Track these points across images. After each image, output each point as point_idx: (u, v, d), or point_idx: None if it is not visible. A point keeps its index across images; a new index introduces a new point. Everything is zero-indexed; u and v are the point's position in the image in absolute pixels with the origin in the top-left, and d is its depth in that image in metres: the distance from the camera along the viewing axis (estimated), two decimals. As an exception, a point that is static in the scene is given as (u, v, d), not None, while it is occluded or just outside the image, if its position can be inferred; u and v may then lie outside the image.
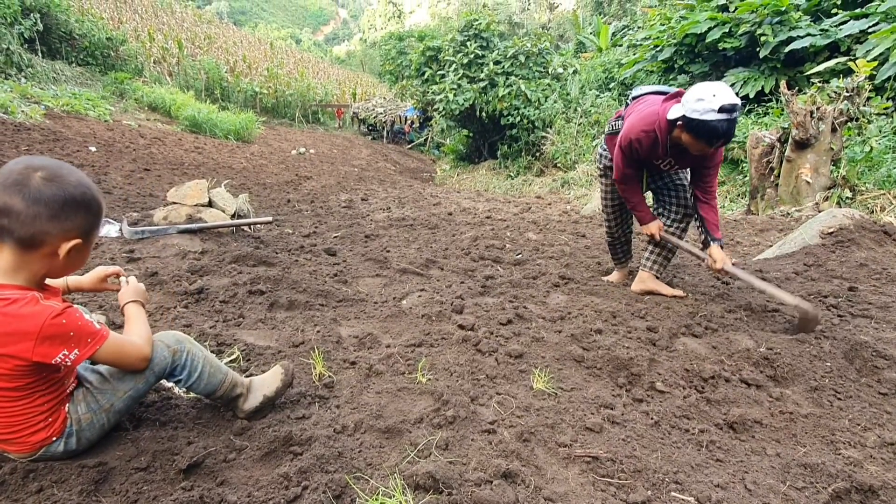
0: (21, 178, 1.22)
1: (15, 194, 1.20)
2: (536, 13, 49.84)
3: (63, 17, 17.08)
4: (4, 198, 1.20)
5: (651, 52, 13.19)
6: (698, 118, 2.54)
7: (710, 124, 2.53)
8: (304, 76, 32.24)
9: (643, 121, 2.87)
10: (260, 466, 1.50)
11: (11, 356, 1.24)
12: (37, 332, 1.22)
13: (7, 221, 1.21)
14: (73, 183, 1.28)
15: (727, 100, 2.49)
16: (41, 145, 7.69)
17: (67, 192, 1.26)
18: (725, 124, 2.52)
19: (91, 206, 1.33)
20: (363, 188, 9.97)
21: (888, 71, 8.10)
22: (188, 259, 3.40)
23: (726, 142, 2.63)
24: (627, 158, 3.01)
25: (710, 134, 2.56)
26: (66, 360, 1.28)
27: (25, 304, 1.24)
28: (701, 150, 2.70)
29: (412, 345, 2.41)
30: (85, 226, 1.32)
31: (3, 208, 1.20)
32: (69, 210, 1.27)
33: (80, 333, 1.30)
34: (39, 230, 1.24)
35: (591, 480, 1.55)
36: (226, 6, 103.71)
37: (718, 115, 2.49)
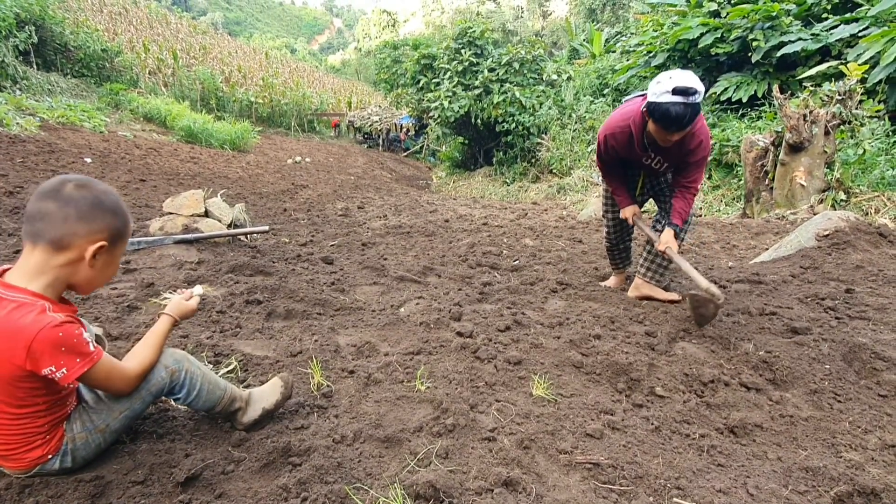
0: (55, 186, 1.33)
1: (49, 199, 1.31)
2: (530, 21, 50.16)
3: (58, 30, 17.11)
4: (40, 204, 1.31)
5: (644, 58, 13.28)
6: (654, 101, 2.54)
7: (662, 106, 2.51)
8: (300, 85, 32.32)
9: (619, 116, 2.90)
10: (259, 478, 1.48)
11: (8, 361, 1.24)
12: (31, 339, 1.22)
13: (41, 225, 1.30)
14: (101, 189, 1.38)
15: (682, 82, 2.44)
16: (36, 157, 7.67)
17: (96, 196, 1.35)
18: (680, 108, 2.47)
19: (117, 212, 1.39)
20: (359, 196, 9.97)
21: (879, 74, 8.17)
22: (184, 269, 3.39)
23: (682, 127, 2.55)
24: (605, 154, 3.04)
25: (663, 117, 2.53)
26: (54, 375, 1.25)
27: (29, 311, 1.24)
28: (663, 138, 2.67)
29: (411, 353, 2.40)
30: (111, 229, 1.37)
31: (38, 212, 1.31)
32: (97, 212, 1.34)
33: (72, 350, 1.27)
34: (69, 231, 1.31)
35: (592, 487, 1.54)
36: (221, 17, 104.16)
37: (672, 97, 2.46)
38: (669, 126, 2.57)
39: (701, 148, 2.79)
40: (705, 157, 2.86)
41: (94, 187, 1.36)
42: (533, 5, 52.08)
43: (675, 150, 2.81)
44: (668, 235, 2.92)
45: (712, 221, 7.05)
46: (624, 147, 2.93)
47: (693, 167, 2.88)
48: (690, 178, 2.91)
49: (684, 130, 2.60)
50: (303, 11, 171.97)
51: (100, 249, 1.34)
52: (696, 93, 2.46)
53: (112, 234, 1.37)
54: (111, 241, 1.37)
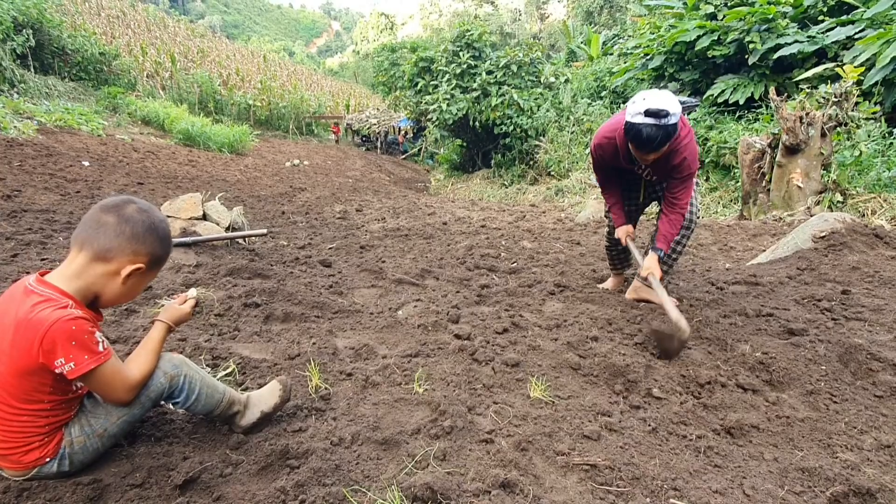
0: (120, 203, 1.43)
1: (111, 213, 1.41)
2: (528, 23, 50.27)
3: (55, 33, 17.12)
4: (101, 214, 1.41)
5: (641, 61, 13.31)
6: (629, 120, 2.55)
7: (635, 127, 2.52)
8: (298, 88, 32.35)
9: (606, 127, 2.91)
10: (257, 481, 1.49)
11: (23, 351, 1.27)
12: (46, 329, 1.26)
13: (94, 233, 1.39)
14: (159, 218, 1.49)
15: (654, 105, 2.44)
16: (34, 160, 7.66)
17: (153, 222, 1.45)
18: (651, 129, 2.47)
19: (165, 241, 1.50)
20: (358, 199, 9.97)
21: (875, 76, 8.21)
22: (182, 272, 3.39)
23: (654, 149, 2.55)
24: (596, 163, 3.06)
25: (635, 137, 2.54)
26: (63, 368, 1.28)
27: (52, 305, 1.30)
28: (639, 156, 2.67)
29: (408, 355, 2.41)
30: (153, 255, 1.46)
31: (97, 222, 1.40)
32: (149, 236, 1.43)
33: (81, 345, 1.30)
34: (117, 245, 1.39)
35: (589, 488, 1.55)
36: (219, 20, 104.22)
37: (644, 118, 2.47)
38: (641, 147, 2.57)
39: (685, 165, 2.75)
40: (691, 174, 2.81)
41: (153, 214, 1.47)
42: (530, 8, 52.22)
43: (661, 165, 2.80)
44: (651, 261, 2.90)
45: (710, 223, 7.07)
46: (612, 158, 2.94)
47: (679, 183, 2.84)
48: (677, 193, 2.87)
49: (658, 152, 2.59)
50: (301, 14, 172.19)
51: (136, 270, 1.42)
52: (667, 115, 2.45)
53: (153, 259, 1.46)
54: (149, 265, 1.46)
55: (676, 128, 2.53)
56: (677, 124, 2.53)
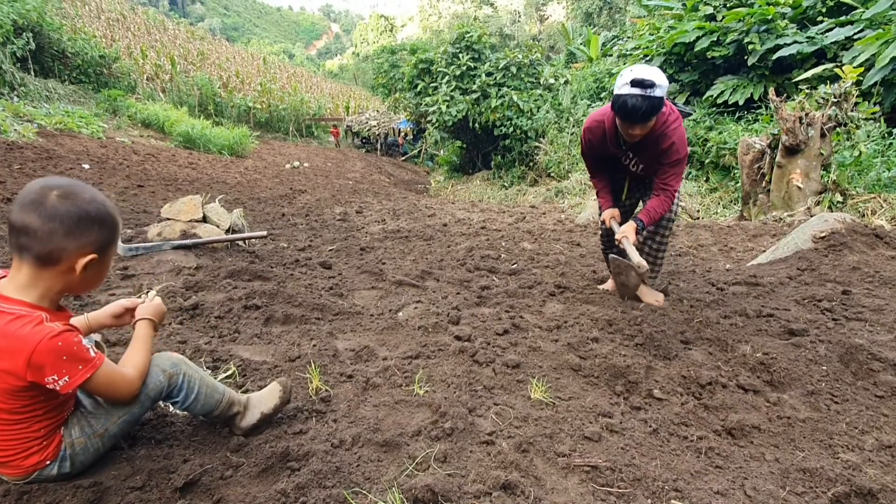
0: (37, 197, 1.26)
1: (32, 213, 1.25)
2: (527, 25, 50.33)
3: (55, 36, 17.15)
4: (22, 216, 1.25)
5: (641, 62, 13.32)
6: (616, 93, 2.57)
7: (621, 98, 2.53)
8: (298, 90, 32.40)
9: (597, 113, 2.93)
10: (257, 483, 1.48)
11: (8, 373, 1.24)
12: (31, 350, 1.21)
13: (25, 239, 1.26)
14: (86, 199, 1.32)
15: (640, 75, 2.46)
16: (34, 164, 7.67)
17: (81, 209, 1.30)
18: (637, 100, 2.48)
19: (105, 222, 1.35)
20: (358, 201, 9.98)
21: (874, 76, 8.22)
22: (183, 275, 3.39)
23: (640, 119, 2.55)
24: (585, 148, 3.07)
25: (622, 109, 2.55)
26: (56, 384, 1.25)
27: (28, 322, 1.24)
28: (627, 132, 2.68)
29: (409, 357, 2.41)
30: (100, 241, 1.34)
31: (21, 226, 1.25)
32: (84, 226, 1.30)
33: (73, 358, 1.27)
34: (56, 247, 1.27)
35: (590, 490, 1.55)
36: (218, 22, 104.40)
37: (631, 89, 2.48)
38: (627, 117, 2.58)
39: (674, 150, 2.76)
40: (680, 159, 2.82)
41: (78, 196, 1.30)
42: (530, 10, 52.30)
43: (649, 150, 2.81)
44: (628, 227, 2.90)
45: (710, 224, 7.07)
46: (600, 143, 2.95)
47: (668, 168, 2.85)
48: (667, 179, 2.88)
49: (644, 123, 2.60)
50: (300, 17, 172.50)
51: (90, 262, 1.33)
52: (653, 85, 2.46)
53: (101, 245, 1.35)
54: (100, 251, 1.35)
55: (662, 101, 2.54)
56: (663, 98, 2.53)
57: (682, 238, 6.05)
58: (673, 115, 2.75)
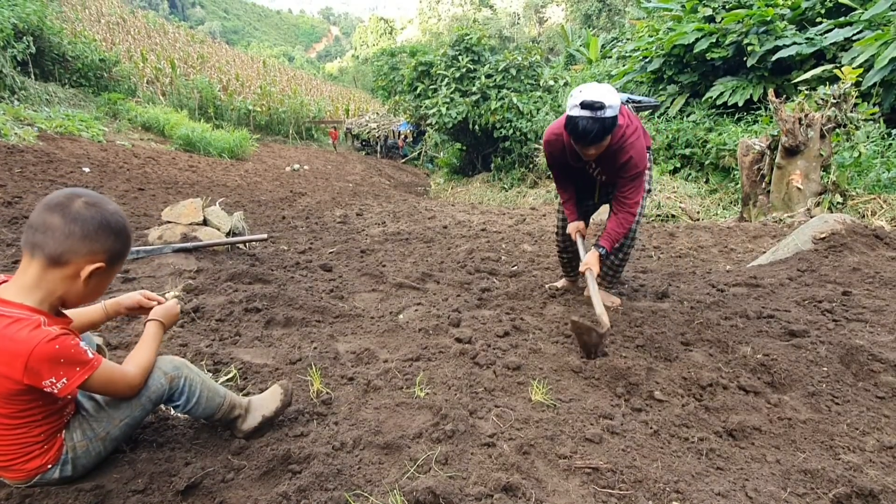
0: (64, 200, 1.31)
1: (56, 213, 1.30)
2: (526, 27, 50.42)
3: (56, 40, 17.18)
4: (45, 216, 1.29)
5: (640, 64, 13.36)
6: (567, 114, 2.53)
7: (572, 119, 2.50)
8: (297, 93, 32.42)
9: (555, 124, 2.89)
10: (259, 486, 1.49)
11: (5, 377, 1.24)
12: (28, 354, 1.22)
13: (42, 237, 1.29)
14: (110, 210, 1.37)
15: (590, 97, 2.42)
16: (34, 167, 7.68)
17: (104, 217, 1.34)
18: (587, 122, 2.44)
19: (121, 235, 1.39)
20: (358, 203, 9.99)
21: (874, 77, 8.24)
22: (183, 278, 3.39)
23: (592, 142, 2.51)
24: (549, 160, 3.04)
25: (572, 129, 2.52)
26: (54, 387, 1.26)
27: (26, 326, 1.25)
28: (580, 150, 2.64)
29: (410, 359, 2.41)
30: (111, 251, 1.37)
31: (42, 225, 1.29)
32: (101, 233, 1.33)
33: (71, 361, 1.28)
34: (69, 248, 1.30)
35: (591, 492, 1.55)
36: (218, 25, 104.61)
37: (581, 111, 2.45)
38: (578, 139, 2.54)
39: (631, 164, 2.70)
40: (639, 173, 2.75)
41: (103, 207, 1.35)
42: (529, 12, 52.40)
43: (608, 162, 2.76)
44: (591, 258, 2.84)
45: (710, 225, 7.07)
46: (560, 155, 2.91)
47: (628, 182, 2.79)
48: (626, 192, 2.81)
49: (597, 144, 2.55)
50: (300, 20, 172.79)
51: (96, 270, 1.35)
52: (603, 107, 2.41)
53: (111, 255, 1.37)
54: (109, 262, 1.37)
55: (615, 121, 2.50)
56: (615, 118, 2.49)
57: (682, 239, 6.05)
58: (631, 127, 2.69)
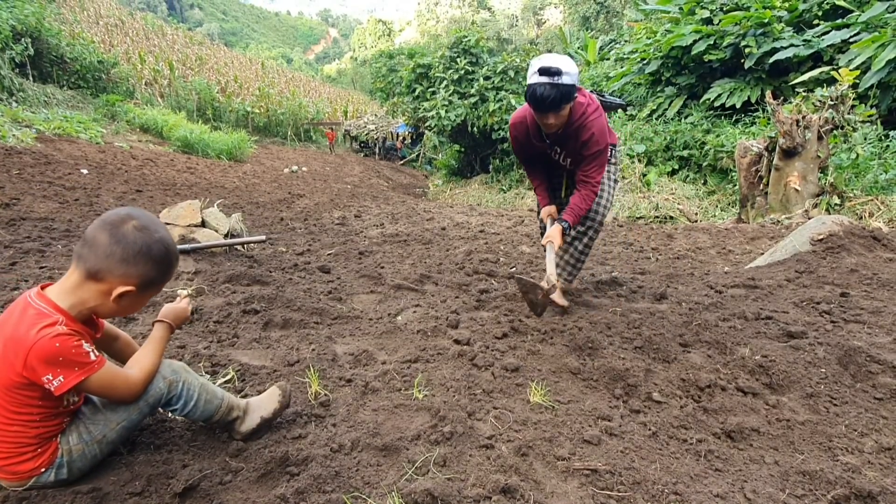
0: (118, 220, 1.37)
1: (106, 231, 1.35)
2: (524, 29, 50.51)
3: (54, 42, 17.18)
4: (96, 232, 1.35)
5: (638, 65, 13.38)
6: (527, 83, 2.57)
7: (531, 87, 2.53)
8: (296, 95, 32.44)
9: (520, 109, 2.93)
10: (256, 488, 1.48)
11: (11, 366, 1.28)
12: (29, 347, 1.25)
13: (87, 251, 1.35)
14: (156, 238, 1.40)
15: (547, 63, 2.45)
16: (33, 169, 7.67)
17: (146, 244, 1.38)
18: (545, 88, 2.47)
19: (160, 263, 1.41)
20: (356, 205, 9.98)
21: (871, 79, 8.26)
22: (181, 280, 3.38)
23: (549, 108, 2.53)
24: (514, 146, 3.08)
25: (532, 97, 2.54)
26: (51, 384, 1.28)
27: (39, 321, 1.29)
28: (542, 122, 2.67)
29: (408, 361, 2.40)
30: (145, 278, 1.40)
31: (91, 239, 1.35)
32: (139, 259, 1.37)
33: (70, 360, 1.29)
34: (106, 267, 1.35)
35: (590, 493, 1.54)
36: (217, 27, 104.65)
37: (539, 77, 2.48)
38: (538, 106, 2.57)
39: (593, 142, 2.72)
40: (600, 150, 2.78)
41: (151, 233, 1.39)
42: (527, 14, 52.50)
43: (570, 141, 2.80)
44: (554, 230, 2.86)
45: (708, 226, 7.08)
46: (525, 138, 2.94)
47: (590, 160, 2.81)
48: (588, 170, 2.83)
49: (556, 112, 2.58)
50: (298, 21, 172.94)
51: (127, 293, 1.38)
52: (560, 73, 2.44)
53: (144, 282, 1.40)
54: (140, 288, 1.41)
55: (572, 89, 2.52)
56: (573, 86, 2.51)
57: (680, 241, 6.06)
58: (591, 105, 2.73)
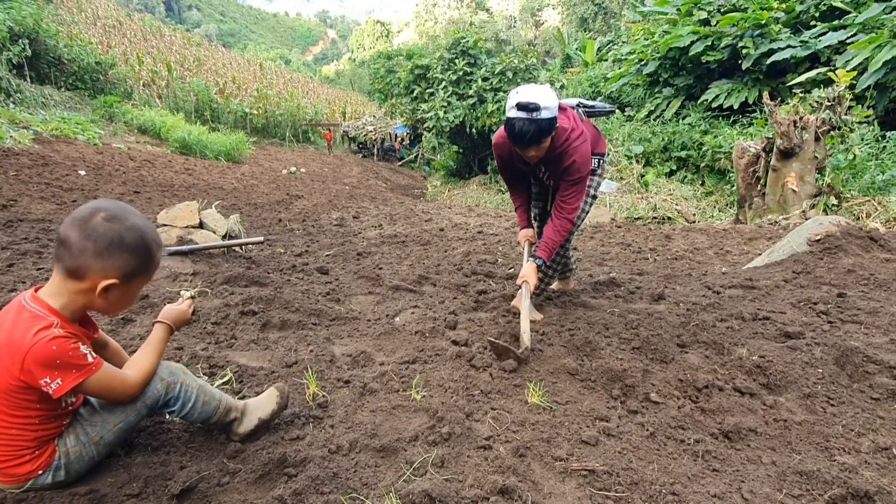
0: (86, 214, 1.33)
1: (75, 228, 1.32)
2: (522, 30, 50.56)
3: (52, 43, 17.15)
4: (67, 229, 1.32)
5: (636, 66, 13.40)
6: (506, 115, 2.52)
7: (509, 121, 2.49)
8: (294, 96, 32.43)
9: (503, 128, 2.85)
10: (254, 489, 1.48)
11: (8, 370, 1.27)
12: (26, 351, 1.25)
13: (62, 251, 1.33)
14: (126, 226, 1.36)
15: (525, 98, 2.40)
16: (30, 170, 7.66)
17: (118, 234, 1.34)
18: (523, 123, 2.42)
19: (138, 252, 1.38)
20: (354, 206, 9.98)
21: (868, 80, 8.28)
22: (179, 281, 3.38)
23: (527, 143, 2.48)
24: (499, 164, 3.01)
25: (510, 132, 2.50)
26: (48, 387, 1.27)
27: (35, 324, 1.28)
28: (522, 154, 2.62)
29: (406, 362, 2.41)
30: (127, 269, 1.37)
31: (63, 239, 1.32)
32: (114, 250, 1.33)
33: (67, 363, 1.29)
34: (82, 264, 1.32)
35: (588, 494, 1.55)
36: (215, 28, 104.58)
37: (517, 112, 2.43)
38: (515, 141, 2.52)
39: (574, 169, 2.63)
40: (581, 178, 2.67)
41: (122, 222, 1.35)
42: (525, 15, 52.57)
43: (553, 166, 2.74)
44: (528, 270, 2.76)
45: (706, 227, 7.09)
46: (508, 157, 2.90)
47: (569, 186, 2.71)
48: (567, 198, 2.73)
49: (535, 146, 2.51)
50: (297, 23, 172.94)
51: (111, 286, 1.36)
52: (538, 108, 2.38)
53: (125, 273, 1.37)
54: (124, 279, 1.37)
55: (551, 123, 2.47)
56: (552, 119, 2.46)
57: (678, 242, 6.07)
58: (576, 131, 2.64)
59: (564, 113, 2.68)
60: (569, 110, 2.73)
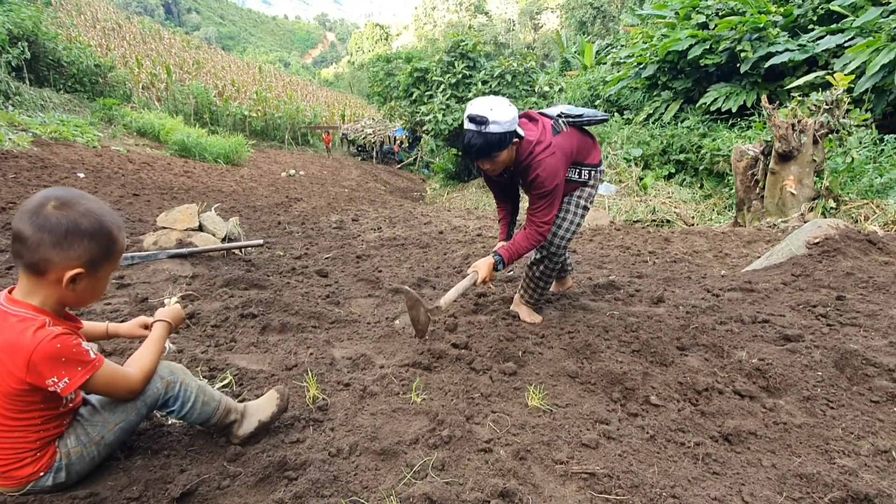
0: (36, 206, 1.27)
1: (27, 221, 1.26)
2: (521, 34, 50.69)
3: (51, 45, 17.16)
4: (19, 224, 1.26)
5: (635, 70, 13.44)
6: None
7: (463, 133, 2.46)
8: (293, 99, 32.47)
9: None
10: (254, 493, 1.48)
11: (10, 374, 1.26)
12: (30, 353, 1.23)
13: (19, 247, 1.27)
14: (80, 212, 1.29)
15: (475, 111, 2.36)
16: (29, 173, 7.65)
17: (72, 221, 1.28)
18: (472, 136, 2.39)
19: (97, 237, 1.32)
20: (354, 209, 9.99)
21: (866, 83, 8.31)
22: (179, 284, 3.38)
23: (477, 156, 2.44)
24: (484, 177, 2.96)
25: (461, 142, 2.49)
26: (56, 386, 1.27)
27: (31, 325, 1.26)
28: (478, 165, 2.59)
29: (406, 365, 2.40)
30: (89, 256, 1.31)
31: (17, 234, 1.27)
32: (71, 239, 1.28)
33: (72, 360, 1.29)
34: (42, 257, 1.27)
35: (588, 497, 1.55)
36: (214, 31, 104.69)
37: (468, 124, 2.41)
38: (465, 154, 2.47)
39: (538, 183, 2.56)
40: (547, 192, 2.58)
41: (74, 208, 1.29)
42: (524, 18, 52.71)
43: (522, 178, 2.69)
44: (483, 262, 2.69)
45: (704, 230, 7.10)
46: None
47: (537, 200, 2.64)
48: (535, 211, 2.66)
49: (486, 159, 2.47)
50: (296, 26, 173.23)
51: (77, 275, 1.31)
52: (486, 122, 2.33)
53: (89, 260, 1.31)
54: (89, 266, 1.32)
55: (501, 138, 2.40)
56: (502, 135, 2.40)
57: (677, 244, 6.08)
58: (541, 144, 2.54)
59: (536, 124, 2.62)
60: (542, 121, 2.65)
